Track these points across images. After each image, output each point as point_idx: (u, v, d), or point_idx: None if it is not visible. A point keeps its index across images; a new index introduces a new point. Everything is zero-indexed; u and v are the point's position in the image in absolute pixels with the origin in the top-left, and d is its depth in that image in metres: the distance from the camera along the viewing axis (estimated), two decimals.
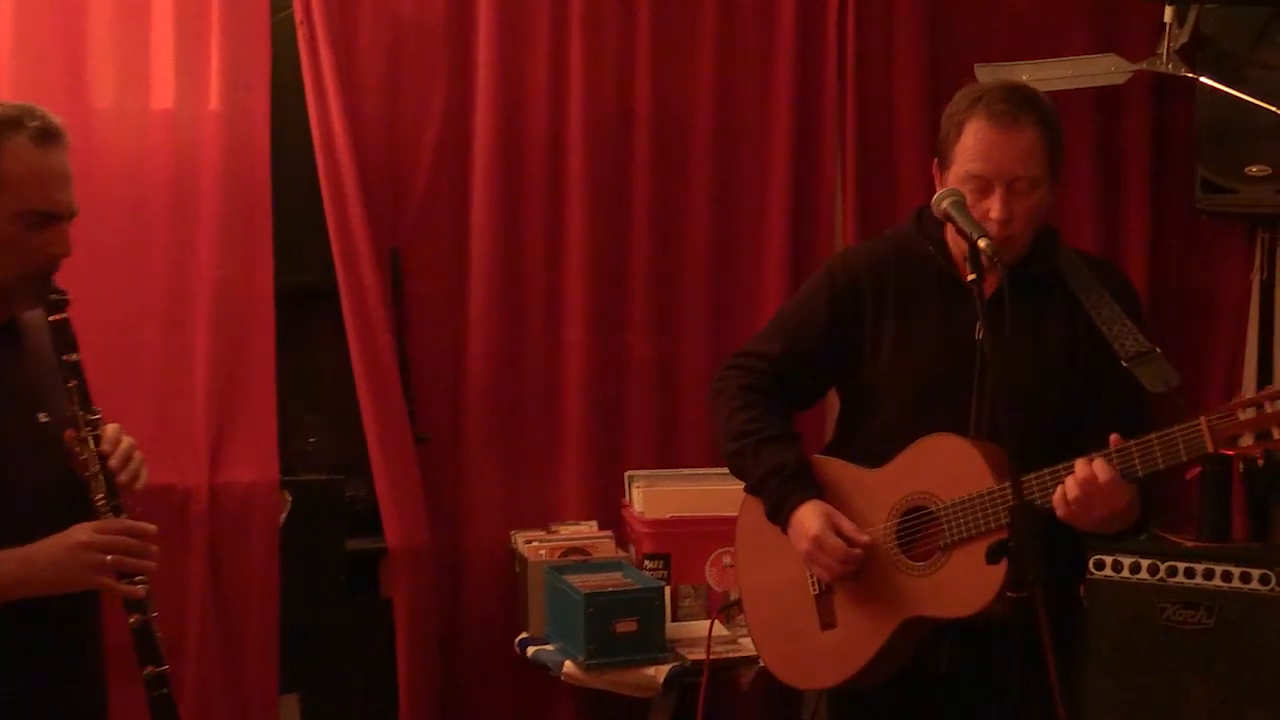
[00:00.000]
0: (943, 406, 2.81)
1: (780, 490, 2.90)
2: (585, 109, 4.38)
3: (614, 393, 4.46)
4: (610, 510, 4.37)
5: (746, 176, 4.55)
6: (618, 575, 4.00)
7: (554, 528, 4.28)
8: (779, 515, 2.91)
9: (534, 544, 4.17)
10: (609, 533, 4.27)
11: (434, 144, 4.30)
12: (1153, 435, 2.58)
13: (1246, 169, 4.36)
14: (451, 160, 4.32)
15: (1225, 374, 4.75)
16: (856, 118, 4.55)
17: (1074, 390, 2.82)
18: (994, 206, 2.73)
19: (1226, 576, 4.03)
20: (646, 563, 4.12)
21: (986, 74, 4.29)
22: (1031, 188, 2.76)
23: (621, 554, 4.20)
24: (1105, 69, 4.45)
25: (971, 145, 2.76)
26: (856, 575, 2.85)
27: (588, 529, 4.28)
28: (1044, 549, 2.58)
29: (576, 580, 3.91)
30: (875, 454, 2.88)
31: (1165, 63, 4.38)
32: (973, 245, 2.60)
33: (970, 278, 2.59)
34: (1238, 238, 4.73)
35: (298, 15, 4.12)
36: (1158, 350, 2.73)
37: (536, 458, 4.43)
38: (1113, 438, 2.60)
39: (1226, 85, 4.28)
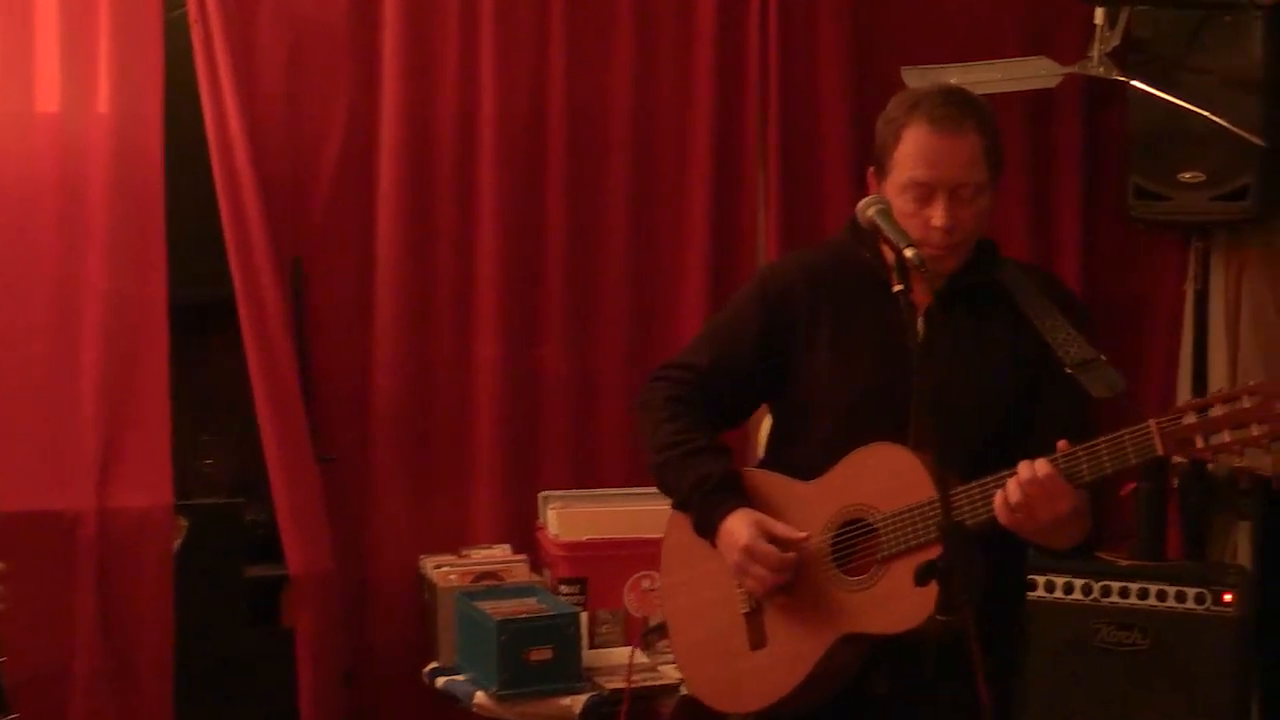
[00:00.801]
0: (882, 419, 2.79)
1: (708, 501, 2.86)
2: (497, 112, 4.35)
3: (528, 409, 4.43)
4: (524, 533, 4.32)
5: (666, 184, 4.53)
6: (532, 601, 3.96)
7: (465, 552, 4.23)
8: (707, 527, 2.87)
9: (444, 569, 4.11)
10: (523, 556, 4.21)
11: (337, 148, 4.26)
12: (1100, 439, 2.57)
13: (1180, 175, 4.37)
14: (356, 165, 4.28)
15: (1160, 385, 4.78)
16: (780, 122, 4.55)
17: (1017, 400, 2.81)
18: (937, 214, 2.72)
19: (1161, 596, 4.06)
20: (562, 587, 4.09)
21: (914, 77, 4.30)
22: (975, 194, 2.75)
23: (536, 578, 4.15)
24: (1035, 72, 4.46)
25: (913, 152, 2.75)
26: (789, 591, 2.81)
27: (500, 553, 4.23)
28: (985, 562, 2.62)
29: (488, 607, 3.87)
30: (811, 471, 2.85)
31: (1097, 66, 4.40)
32: (899, 255, 2.58)
33: (897, 288, 2.56)
34: (1172, 246, 4.76)
35: (191, 14, 4.06)
36: (1102, 357, 2.73)
37: (447, 478, 4.38)
38: (1060, 444, 2.60)
39: (1159, 89, 4.29)
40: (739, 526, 2.81)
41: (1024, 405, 2.81)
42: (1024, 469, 2.58)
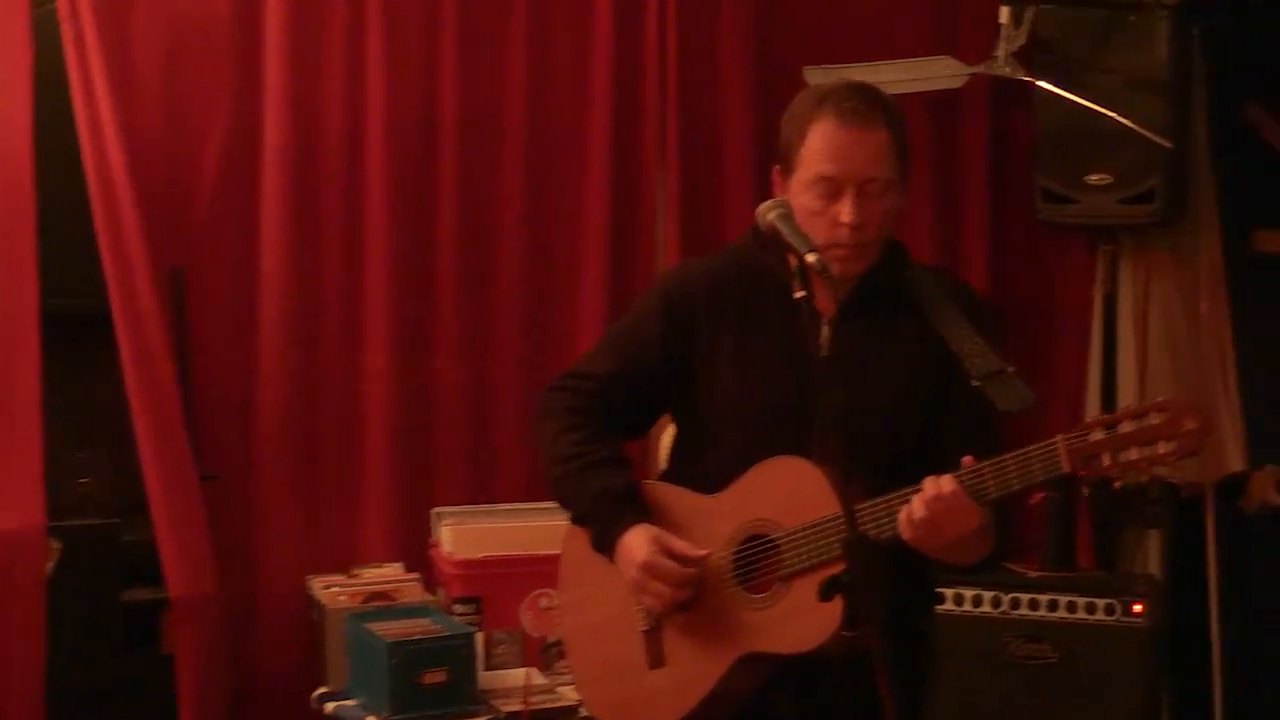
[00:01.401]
0: (786, 431, 2.76)
1: (606, 515, 2.83)
2: (386, 115, 4.31)
3: (420, 422, 4.40)
4: (417, 551, 4.30)
5: (562, 189, 4.51)
6: (425, 622, 3.93)
7: (355, 571, 4.20)
8: (605, 542, 2.83)
9: (333, 590, 4.08)
10: (416, 575, 4.19)
11: (219, 153, 4.20)
12: (1007, 455, 2.56)
13: (1087, 177, 4.40)
14: (239, 171, 4.22)
15: (1069, 391, 4.80)
16: (679, 125, 4.55)
17: (924, 412, 2.79)
18: (845, 210, 2.70)
19: (1072, 607, 4.10)
20: (456, 607, 4.07)
21: (818, 77, 4.28)
22: (884, 190, 2.73)
23: (429, 598, 4.12)
24: (941, 72, 4.50)
25: (820, 147, 2.72)
26: (689, 608, 2.78)
27: (392, 572, 4.21)
28: (890, 579, 2.61)
29: (380, 628, 3.83)
30: (714, 484, 2.82)
31: (1002, 66, 4.42)
32: (800, 260, 2.55)
33: (799, 294, 2.53)
34: (1079, 249, 4.79)
35: (61, 10, 3.98)
36: (1010, 369, 2.69)
37: (336, 495, 4.34)
38: (965, 459, 2.58)
39: (1065, 90, 4.32)
40: (638, 542, 2.78)
41: (931, 418, 2.80)
42: (929, 485, 2.57)
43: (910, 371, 2.78)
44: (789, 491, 2.72)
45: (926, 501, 2.56)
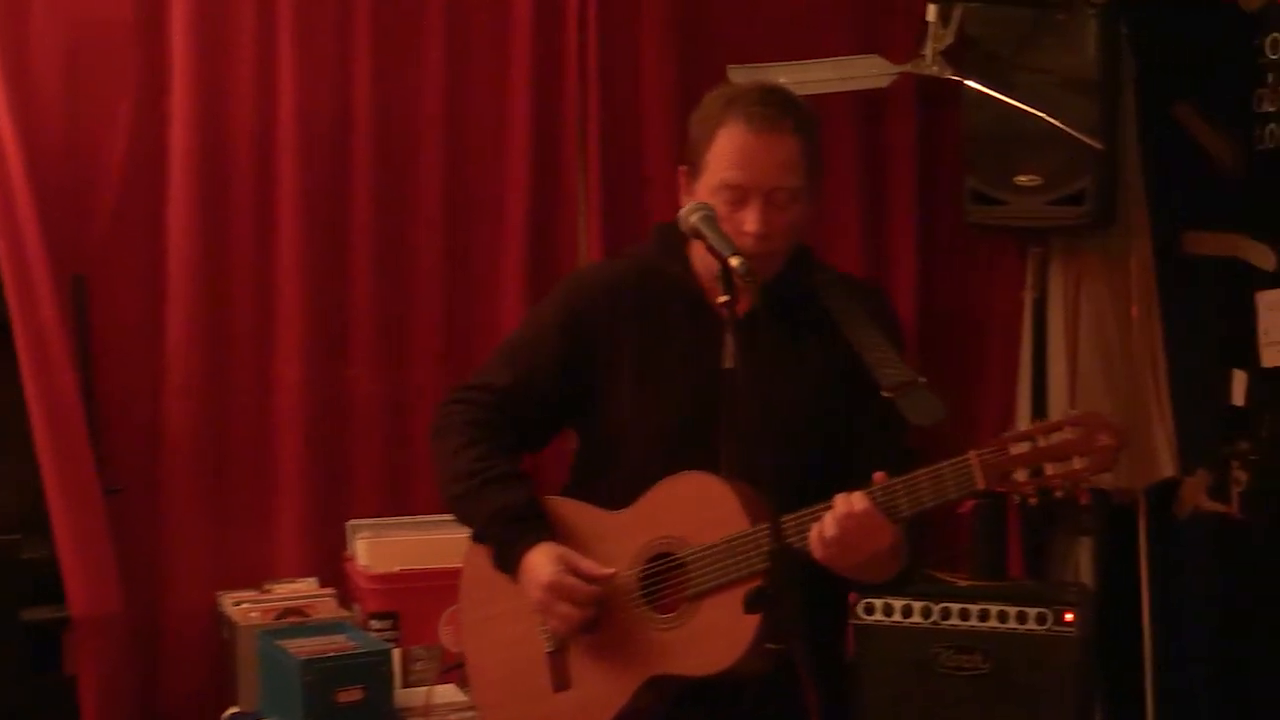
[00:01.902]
0: (693, 445, 2.76)
1: (508, 533, 2.81)
2: (297, 117, 4.25)
3: (334, 432, 4.35)
4: (331, 565, 4.26)
5: (480, 192, 4.48)
6: (340, 638, 3.90)
7: (267, 587, 4.17)
8: (507, 561, 2.82)
9: (244, 606, 4.04)
10: (330, 590, 4.17)
11: (122, 156, 4.13)
12: (920, 471, 2.56)
13: (1016, 178, 4.39)
14: (143, 175, 4.16)
15: (999, 397, 4.81)
16: (600, 126, 4.51)
17: (833, 422, 2.79)
18: (750, 219, 2.69)
19: (1002, 617, 4.08)
20: (373, 623, 4.05)
21: (741, 76, 4.26)
22: (791, 200, 2.72)
23: (344, 614, 4.10)
24: (867, 71, 4.48)
25: (727, 152, 2.71)
26: (595, 629, 2.77)
27: (306, 587, 4.18)
28: (805, 597, 2.57)
29: (293, 645, 3.80)
30: (619, 499, 2.81)
31: (930, 65, 4.41)
32: (724, 264, 2.55)
33: (722, 299, 2.54)
34: (1009, 252, 4.80)
35: None
36: (921, 380, 2.71)
37: (247, 508, 4.28)
38: (877, 475, 2.58)
39: (994, 89, 4.32)
40: (542, 561, 2.76)
41: (841, 431, 2.79)
42: (840, 503, 2.56)
43: (818, 382, 2.78)
44: (695, 508, 2.71)
45: (838, 519, 2.55)
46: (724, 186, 2.70)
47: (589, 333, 2.86)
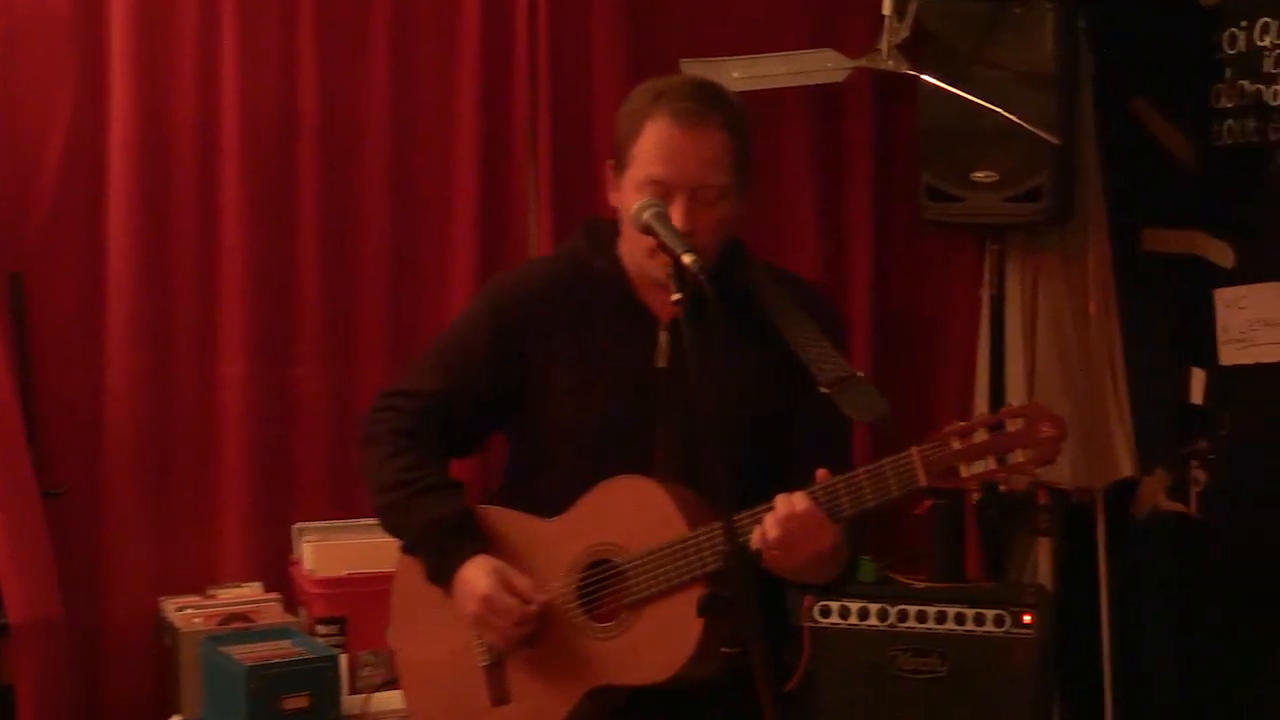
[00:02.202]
0: (627, 446, 2.76)
1: (442, 546, 2.79)
2: (241, 111, 4.22)
3: (280, 433, 4.33)
4: (277, 569, 4.24)
5: (428, 188, 4.45)
6: (286, 644, 3.88)
7: (211, 592, 4.13)
8: (441, 575, 2.80)
9: (187, 611, 4.01)
10: (276, 595, 4.14)
11: (60, 153, 4.09)
12: (860, 469, 2.56)
13: (973, 174, 4.38)
14: (82, 171, 4.12)
15: (956, 396, 4.81)
16: (551, 121, 4.49)
17: (771, 421, 2.79)
18: (675, 216, 2.66)
19: (960, 619, 4.13)
20: (319, 628, 4.03)
21: (695, 70, 4.25)
22: (718, 197, 2.71)
23: (291, 619, 4.09)
24: (822, 65, 4.47)
25: (652, 147, 2.69)
26: (533, 641, 2.75)
27: (250, 592, 4.15)
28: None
29: (237, 652, 3.77)
30: (553, 506, 2.79)
31: (886, 59, 4.40)
32: (677, 261, 2.54)
33: (675, 297, 2.53)
34: (966, 249, 4.80)
35: None
36: (859, 375, 2.70)
37: (190, 511, 4.25)
38: (819, 473, 2.58)
39: (950, 84, 4.31)
40: (477, 575, 2.74)
41: (777, 429, 2.78)
42: (781, 504, 2.55)
43: (754, 380, 2.76)
44: (632, 513, 2.69)
45: (780, 521, 2.54)
46: (649, 182, 2.68)
47: (518, 333, 2.84)
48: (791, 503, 2.54)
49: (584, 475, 2.74)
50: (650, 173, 2.68)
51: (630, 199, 2.71)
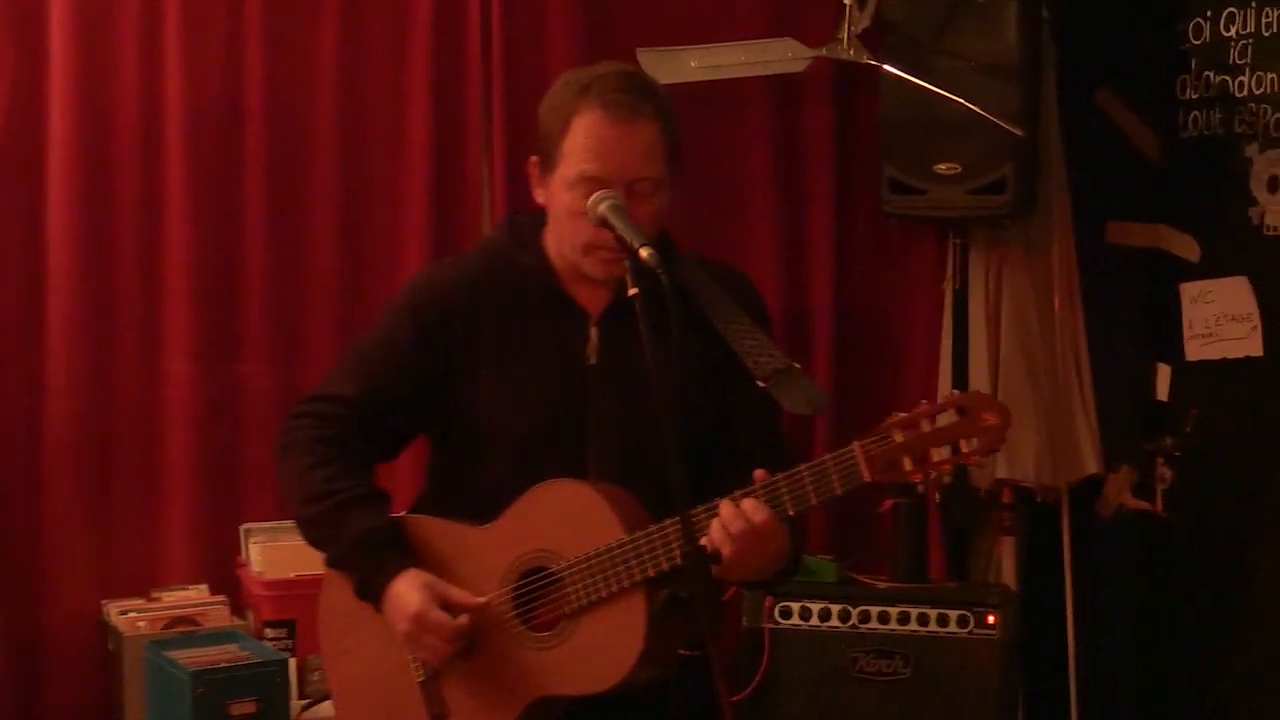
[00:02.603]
0: (560, 450, 2.74)
1: (370, 561, 2.75)
2: (185, 101, 4.20)
3: (226, 430, 4.30)
4: (224, 571, 4.22)
5: (378, 181, 4.43)
6: (232, 648, 3.86)
7: (156, 595, 4.11)
8: (370, 590, 2.76)
9: (130, 615, 3.99)
10: (222, 598, 4.12)
11: None
12: (802, 466, 2.55)
13: (935, 167, 4.38)
14: (19, 163, 4.08)
15: (919, 393, 4.76)
16: (505, 108, 4.47)
17: (707, 418, 2.78)
18: None
19: (923, 620, 4.12)
20: (268, 631, 4.02)
21: (650, 60, 4.29)
22: (654, 190, 2.70)
23: (238, 623, 4.07)
24: (781, 55, 4.49)
25: (584, 142, 2.68)
26: (469, 654, 2.73)
27: (196, 594, 4.13)
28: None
29: (182, 656, 3.75)
30: (483, 513, 2.77)
31: (846, 49, 4.44)
32: (634, 255, 2.52)
33: (632, 291, 2.51)
34: (929, 242, 4.80)
35: None
36: (797, 366, 2.70)
37: (133, 511, 4.22)
38: (758, 473, 2.56)
39: (912, 75, 4.32)
40: (407, 591, 2.71)
41: (713, 426, 2.78)
42: (728, 510, 2.54)
43: (688, 373, 2.72)
44: (567, 518, 2.67)
45: (736, 536, 2.53)
46: (583, 179, 2.66)
47: (442, 332, 2.81)
48: (742, 509, 2.53)
49: (514, 479, 2.72)
50: (583, 169, 2.67)
51: (561, 197, 2.70)
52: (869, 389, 4.73)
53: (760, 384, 2.68)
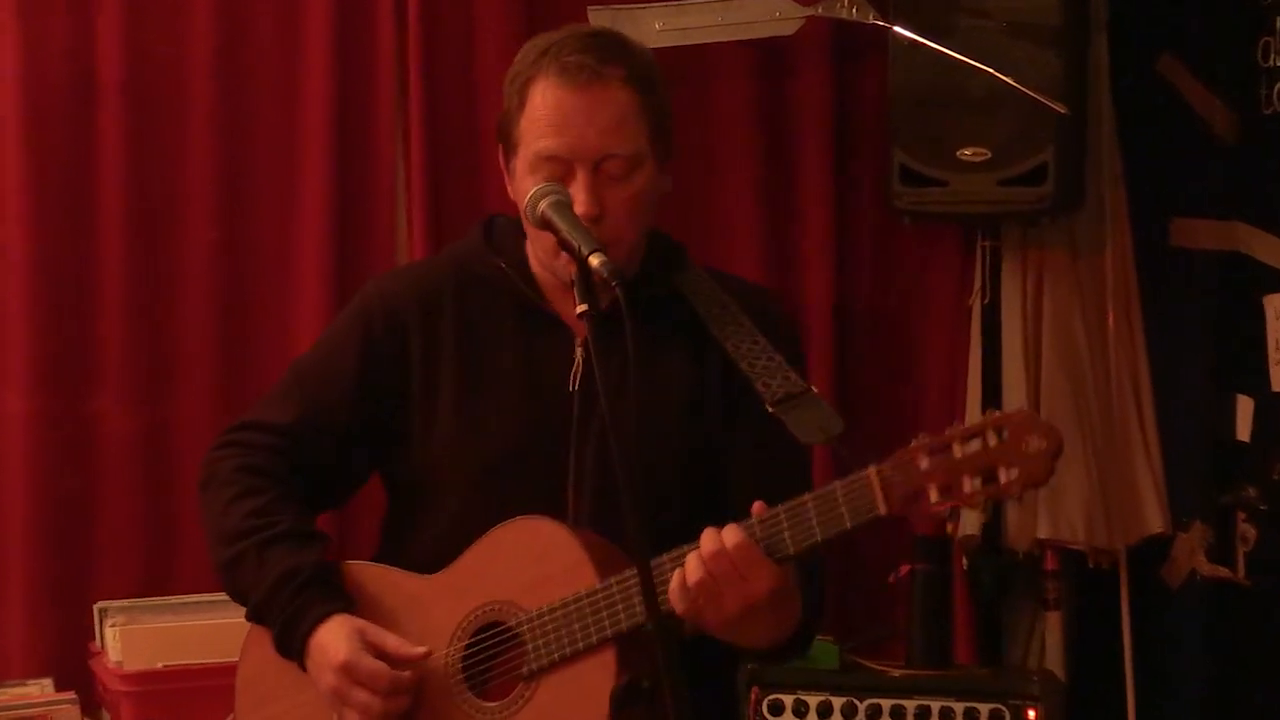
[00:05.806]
0: (528, 485, 2.78)
1: (292, 606, 2.75)
2: (22, 76, 4.18)
3: (77, 485, 4.27)
4: (72, 661, 4.17)
5: (266, 177, 4.43)
6: None
7: None
8: (292, 640, 2.75)
9: None
10: (71, 694, 4.03)
11: None
12: (807, 496, 2.54)
13: (958, 152, 4.36)
14: None
15: (939, 428, 4.71)
16: (424, 88, 4.47)
17: (706, 451, 2.82)
18: (577, 199, 2.66)
19: (947, 715, 4.12)
20: None
21: (604, 20, 4.28)
22: (629, 169, 2.71)
23: None
24: (767, 14, 4.45)
25: (540, 116, 2.71)
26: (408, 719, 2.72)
27: (39, 691, 4.07)
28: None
29: None
30: (436, 560, 2.79)
31: (847, 6, 4.40)
32: (583, 263, 2.51)
33: (580, 309, 2.50)
34: (951, 245, 4.79)
35: None
36: (813, 390, 2.72)
37: None
38: (756, 506, 2.57)
39: (928, 38, 4.28)
40: (334, 639, 2.70)
41: (714, 457, 2.80)
42: (708, 539, 2.52)
43: (686, 401, 2.79)
44: (530, 562, 2.69)
45: (704, 559, 2.52)
46: (540, 160, 2.69)
47: (395, 351, 2.85)
48: (721, 537, 2.51)
49: (473, 520, 2.74)
50: (539, 147, 2.68)
51: (525, 186, 2.69)
52: (878, 429, 4.70)
53: (770, 409, 2.69)
